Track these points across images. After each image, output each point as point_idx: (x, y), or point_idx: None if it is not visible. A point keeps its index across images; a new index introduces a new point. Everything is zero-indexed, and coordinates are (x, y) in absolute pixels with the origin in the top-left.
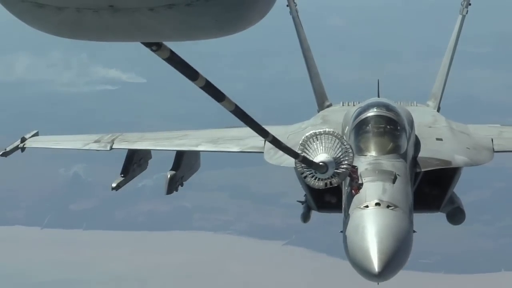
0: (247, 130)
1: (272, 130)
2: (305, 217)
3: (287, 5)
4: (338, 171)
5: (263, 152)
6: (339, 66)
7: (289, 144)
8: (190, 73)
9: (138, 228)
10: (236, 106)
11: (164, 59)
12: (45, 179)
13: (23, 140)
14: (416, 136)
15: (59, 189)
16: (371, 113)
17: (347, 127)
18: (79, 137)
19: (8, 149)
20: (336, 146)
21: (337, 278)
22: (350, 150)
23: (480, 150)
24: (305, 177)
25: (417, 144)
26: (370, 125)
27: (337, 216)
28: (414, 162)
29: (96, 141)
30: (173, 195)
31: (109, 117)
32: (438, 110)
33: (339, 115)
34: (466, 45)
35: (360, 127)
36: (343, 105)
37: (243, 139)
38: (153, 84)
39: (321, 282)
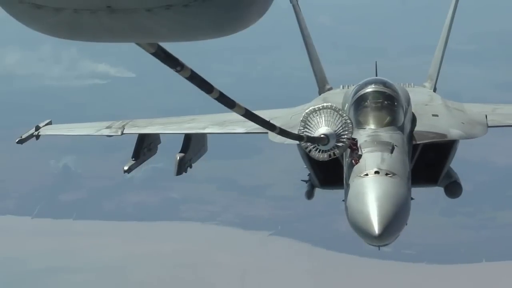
0: None
1: (275, 113)
2: (309, 195)
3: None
4: (338, 143)
5: (267, 133)
6: (328, 63)
7: (291, 124)
8: (207, 87)
9: (127, 218)
10: (246, 110)
11: (186, 78)
12: (36, 170)
13: (37, 128)
14: (413, 113)
15: (49, 180)
16: (369, 89)
17: (347, 104)
18: (91, 124)
19: (23, 136)
20: (336, 119)
21: (321, 267)
22: (349, 122)
23: (475, 125)
24: (310, 151)
25: (413, 120)
26: (368, 100)
27: (320, 209)
28: (411, 135)
29: (107, 127)
30: (161, 187)
31: (98, 111)
32: (435, 91)
33: (339, 97)
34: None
35: (359, 103)
36: (343, 88)
37: (248, 121)
38: (142, 79)
39: (305, 271)
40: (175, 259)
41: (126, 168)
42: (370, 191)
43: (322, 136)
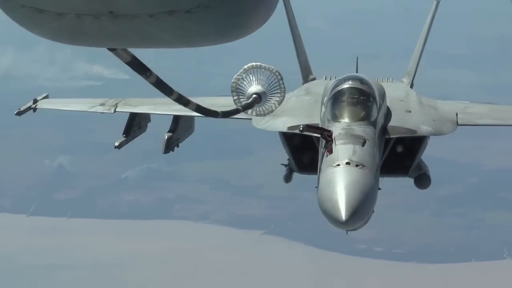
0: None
1: None
2: (287, 178)
3: None
4: (273, 94)
5: (251, 119)
6: (319, 67)
7: (276, 110)
8: (168, 89)
9: (121, 217)
10: (197, 105)
11: (151, 83)
12: (31, 169)
13: (35, 101)
14: (388, 108)
15: (44, 179)
16: (346, 85)
17: (326, 97)
18: (86, 100)
19: (22, 109)
20: (263, 74)
21: (313, 265)
22: (275, 70)
23: (445, 122)
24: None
25: (387, 115)
26: (345, 95)
27: (312, 209)
28: (384, 130)
29: (101, 104)
30: (155, 187)
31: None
32: (412, 87)
33: (320, 87)
34: (442, 47)
35: (336, 97)
36: (325, 79)
37: (232, 106)
38: (136, 81)
39: (297, 269)
40: (168, 257)
41: (117, 144)
42: (340, 180)
43: (254, 96)
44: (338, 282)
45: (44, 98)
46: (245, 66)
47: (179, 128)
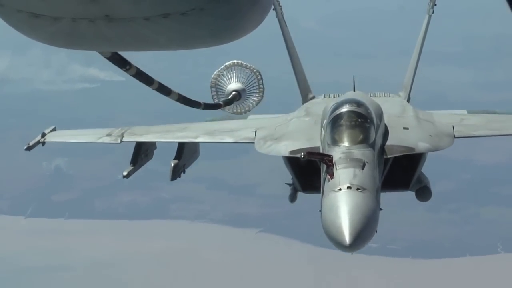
0: (240, 122)
1: (259, 121)
2: (292, 198)
3: (273, 9)
4: (253, 91)
5: (253, 142)
6: (314, 67)
7: (276, 135)
8: (148, 79)
9: (119, 217)
10: (179, 95)
11: (132, 75)
12: (28, 172)
13: (43, 135)
14: (386, 125)
15: (41, 181)
16: (344, 109)
17: (325, 120)
18: (93, 131)
19: (31, 144)
20: (243, 72)
21: (309, 263)
22: (255, 69)
23: (442, 136)
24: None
25: (385, 133)
26: (343, 119)
27: (308, 206)
28: (382, 150)
29: (108, 135)
30: (152, 187)
31: (89, 114)
32: (408, 100)
33: (320, 107)
34: (435, 45)
35: (334, 121)
36: (324, 97)
37: (236, 130)
38: (131, 83)
39: (294, 267)
40: (166, 257)
41: (125, 173)
42: (343, 204)
43: (234, 93)
44: (334, 279)
45: (51, 131)
46: (226, 63)
47: (184, 155)
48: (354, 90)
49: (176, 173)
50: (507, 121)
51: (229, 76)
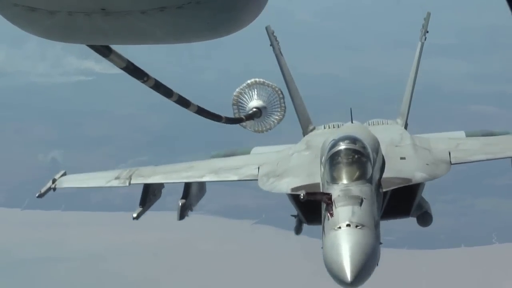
0: (244, 159)
1: (262, 156)
2: (298, 230)
3: (270, 45)
4: (274, 110)
5: (257, 180)
6: (309, 60)
7: (278, 171)
8: (168, 91)
9: (114, 209)
10: (198, 107)
11: (150, 87)
12: (25, 164)
13: (54, 181)
14: (383, 157)
15: (38, 173)
16: (341, 146)
17: (323, 156)
18: (101, 174)
19: (42, 191)
20: (265, 90)
21: (304, 254)
22: (277, 88)
23: (438, 164)
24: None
25: (382, 165)
26: (340, 157)
27: None
28: (380, 183)
29: (116, 178)
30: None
31: (85, 107)
32: (406, 127)
33: (320, 140)
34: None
35: (332, 159)
36: (324, 128)
37: (240, 168)
38: (127, 76)
39: (289, 258)
40: (162, 248)
41: (135, 215)
42: (343, 243)
43: (254, 110)
44: None
45: (62, 175)
46: (248, 81)
47: (191, 194)
48: (352, 122)
49: (184, 212)
50: (501, 143)
51: (251, 94)
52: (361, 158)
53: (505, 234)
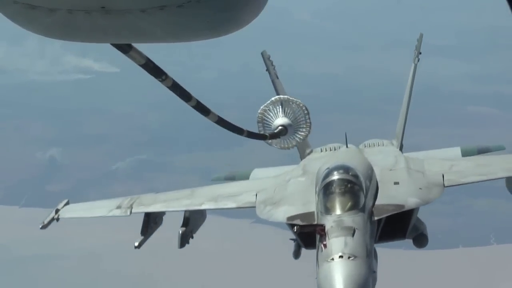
0: (242, 184)
1: (260, 182)
2: (296, 254)
3: (266, 70)
4: (300, 128)
5: (255, 207)
6: (308, 59)
7: (275, 198)
8: (186, 95)
9: None
10: (219, 117)
11: (168, 87)
12: (23, 162)
13: (57, 211)
14: (377, 182)
15: (36, 171)
16: (334, 177)
17: (317, 186)
18: (103, 203)
19: (45, 222)
20: (290, 107)
21: (303, 253)
22: (302, 104)
23: (432, 188)
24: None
25: (376, 191)
26: (332, 187)
27: None
28: (373, 211)
29: (118, 207)
30: (145, 177)
31: (84, 105)
32: (401, 148)
33: (316, 165)
34: (429, 38)
35: (325, 189)
36: (321, 151)
37: (239, 195)
38: (126, 73)
39: (286, 257)
40: (160, 247)
41: (136, 244)
42: (336, 274)
43: (280, 128)
44: None
45: (65, 205)
46: (273, 98)
47: (191, 221)
48: (347, 146)
49: (185, 240)
50: (494, 164)
51: (276, 111)
52: (353, 188)
53: (503, 234)
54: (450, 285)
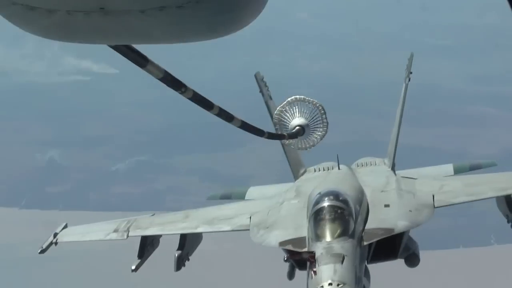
0: (236, 208)
1: (255, 204)
2: (290, 275)
3: (260, 91)
4: (316, 127)
5: (249, 229)
6: (308, 59)
7: (269, 221)
8: (208, 104)
9: (112, 209)
10: (242, 121)
11: (188, 98)
12: (22, 163)
13: (55, 235)
14: (367, 205)
15: (35, 172)
16: (324, 203)
17: (308, 211)
18: (100, 226)
19: (44, 246)
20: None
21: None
22: (318, 104)
23: (422, 210)
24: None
25: (367, 215)
26: (322, 214)
27: None
28: (362, 236)
29: (115, 231)
30: (146, 179)
31: (83, 107)
32: (393, 167)
33: (309, 186)
34: (429, 38)
35: (316, 216)
36: (315, 171)
37: (233, 218)
38: (125, 75)
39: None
40: (160, 247)
41: (133, 267)
42: None
43: (297, 128)
44: None
45: (63, 228)
46: (289, 99)
47: (187, 244)
48: (339, 167)
49: (181, 263)
50: (483, 183)
51: (292, 112)
52: (343, 214)
53: (503, 235)
54: (450, 285)
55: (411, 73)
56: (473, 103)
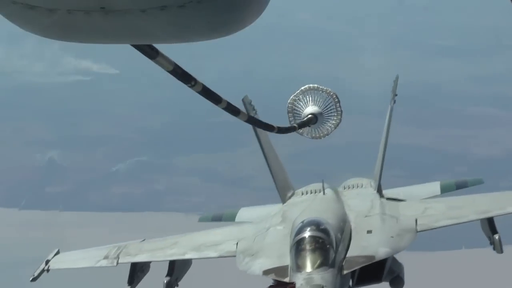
0: (224, 234)
1: (242, 230)
2: None
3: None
4: (330, 114)
5: (235, 256)
6: (308, 60)
7: (254, 248)
8: (217, 98)
9: (112, 209)
10: (249, 116)
11: (198, 92)
12: (22, 164)
13: (47, 262)
14: (351, 231)
15: (35, 173)
16: (305, 234)
17: (291, 240)
18: (91, 253)
19: (36, 274)
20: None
21: None
22: (331, 91)
23: (404, 235)
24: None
25: (349, 242)
26: (303, 244)
27: None
28: (343, 265)
29: (105, 257)
30: (145, 179)
31: (83, 106)
32: (379, 188)
33: (295, 212)
34: (431, 38)
35: (297, 246)
36: (302, 194)
37: (220, 244)
38: (126, 75)
39: None
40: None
41: None
42: None
43: (309, 116)
44: None
45: (55, 255)
46: (302, 88)
47: (175, 270)
48: (324, 193)
49: None
50: (465, 206)
51: (306, 100)
52: (324, 244)
53: (506, 236)
54: (452, 286)
55: (396, 95)
56: (475, 104)
